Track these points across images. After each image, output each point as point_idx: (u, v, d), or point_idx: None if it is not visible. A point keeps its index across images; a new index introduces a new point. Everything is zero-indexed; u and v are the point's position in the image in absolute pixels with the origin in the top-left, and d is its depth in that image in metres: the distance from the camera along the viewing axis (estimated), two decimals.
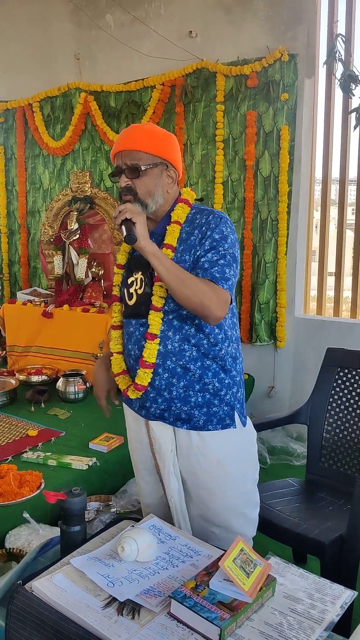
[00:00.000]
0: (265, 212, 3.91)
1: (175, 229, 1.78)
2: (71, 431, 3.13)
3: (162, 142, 1.79)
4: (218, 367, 1.80)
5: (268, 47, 3.75)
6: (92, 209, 4.27)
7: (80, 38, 4.65)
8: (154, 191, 1.78)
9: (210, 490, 1.83)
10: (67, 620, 1.27)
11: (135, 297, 1.85)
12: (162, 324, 1.77)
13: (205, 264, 1.71)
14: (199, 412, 1.79)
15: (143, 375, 1.79)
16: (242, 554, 1.35)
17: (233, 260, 1.74)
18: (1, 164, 5.31)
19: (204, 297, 1.65)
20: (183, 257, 1.75)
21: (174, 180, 1.82)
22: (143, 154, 1.75)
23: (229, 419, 1.82)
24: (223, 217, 1.78)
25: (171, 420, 1.82)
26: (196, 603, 1.25)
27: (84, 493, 1.58)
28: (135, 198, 1.76)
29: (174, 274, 1.65)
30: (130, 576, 1.40)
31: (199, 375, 1.78)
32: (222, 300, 1.69)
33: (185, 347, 1.77)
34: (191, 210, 1.83)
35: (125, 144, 1.77)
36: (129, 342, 1.87)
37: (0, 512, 2.29)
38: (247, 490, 1.90)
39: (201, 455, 1.81)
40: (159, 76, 4.18)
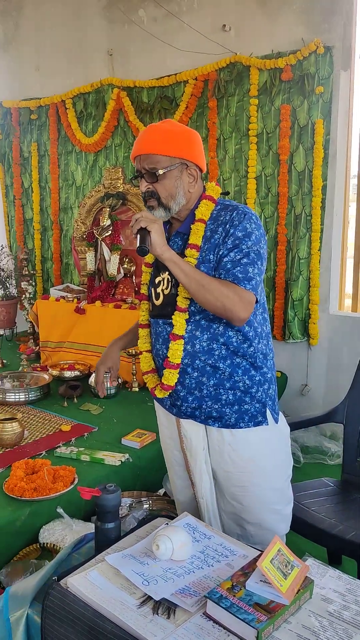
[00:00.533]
0: (299, 207, 3.85)
1: (199, 227, 1.75)
2: (104, 427, 3.14)
3: (180, 142, 1.76)
4: (248, 364, 1.78)
5: (303, 40, 3.69)
6: (124, 205, 4.26)
7: (113, 34, 4.65)
8: (175, 193, 1.76)
9: (243, 487, 1.82)
10: (102, 618, 1.26)
11: (162, 297, 1.84)
12: (189, 324, 1.75)
13: (228, 264, 1.68)
14: (230, 410, 1.78)
15: (169, 376, 1.79)
16: (279, 554, 1.33)
17: (257, 257, 1.70)
18: (35, 161, 5.35)
19: (225, 300, 1.62)
20: (208, 257, 1.73)
21: (196, 178, 1.79)
22: (160, 157, 1.72)
23: (261, 416, 1.80)
24: (247, 213, 1.74)
25: (202, 418, 1.81)
26: (232, 604, 1.24)
27: (118, 490, 1.58)
28: (159, 202, 1.75)
29: (193, 279, 1.63)
30: (165, 575, 1.39)
31: (229, 373, 1.77)
32: (246, 302, 1.66)
33: (214, 345, 1.75)
34: (216, 206, 1.79)
35: (142, 147, 1.75)
36: (157, 341, 1.87)
37: (35, 506, 2.30)
38: (281, 486, 1.89)
39: (233, 452, 1.80)
40: (191, 71, 4.15)
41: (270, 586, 1.27)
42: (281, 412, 1.91)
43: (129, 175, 4.62)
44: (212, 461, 1.84)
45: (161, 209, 1.76)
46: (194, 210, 1.79)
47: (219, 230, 1.73)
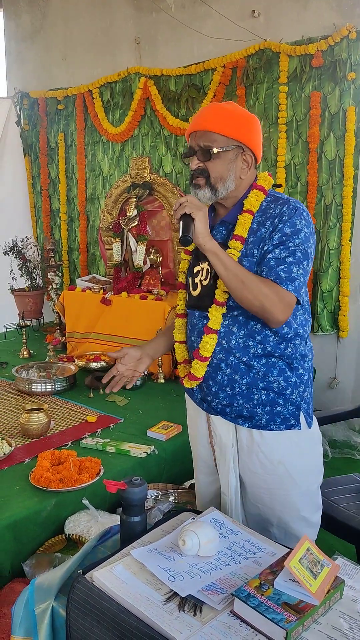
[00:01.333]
0: (329, 197, 3.77)
1: (247, 218, 1.67)
2: (129, 418, 3.13)
3: (240, 124, 1.68)
4: (284, 365, 1.71)
5: (335, 25, 3.59)
6: (150, 195, 4.22)
7: (140, 22, 4.60)
8: (225, 176, 1.68)
9: (269, 491, 1.76)
10: (127, 614, 1.25)
11: (200, 288, 1.77)
12: (226, 318, 1.69)
13: (272, 261, 1.60)
14: (262, 411, 1.72)
15: (197, 367, 1.74)
16: (308, 553, 1.29)
17: (304, 257, 1.61)
18: (62, 151, 5.35)
19: (265, 300, 1.55)
20: (252, 251, 1.65)
21: (250, 165, 1.72)
22: (217, 136, 1.66)
23: (294, 419, 1.73)
24: (299, 209, 1.65)
25: (232, 416, 1.75)
26: (261, 603, 1.21)
27: (144, 483, 1.55)
28: (207, 181, 1.68)
29: (233, 274, 1.56)
30: (191, 571, 1.37)
31: (264, 373, 1.70)
32: (286, 304, 1.58)
33: (250, 343, 1.68)
34: (266, 198, 1.71)
35: (200, 124, 1.68)
36: (192, 333, 1.81)
37: (60, 497, 2.30)
38: (309, 492, 1.81)
39: (262, 454, 1.74)
40: (220, 58, 4.09)
41: (299, 585, 1.23)
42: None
43: (156, 165, 4.58)
44: (240, 461, 1.79)
45: (208, 189, 1.69)
46: (242, 199, 1.72)
47: (266, 224, 1.65)
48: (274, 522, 1.78)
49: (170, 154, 4.54)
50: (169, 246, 4.25)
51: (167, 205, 4.18)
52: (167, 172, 4.55)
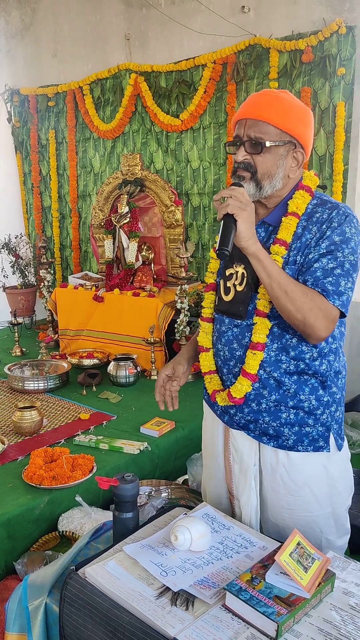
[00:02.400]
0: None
1: (292, 222, 1.54)
2: (122, 415, 3.13)
3: (296, 117, 1.53)
4: (317, 383, 1.59)
5: (324, 20, 3.59)
6: (142, 191, 4.23)
7: (131, 18, 4.59)
8: (274, 173, 1.54)
9: (291, 511, 1.65)
10: (120, 609, 1.25)
11: (234, 293, 1.62)
12: None
13: (318, 271, 1.47)
14: (289, 431, 1.60)
15: (241, 388, 1.59)
16: (299, 547, 1.30)
17: (353, 269, 1.48)
18: (52, 148, 5.33)
19: (309, 314, 1.43)
20: (294, 258, 1.52)
21: (299, 164, 1.57)
22: (271, 128, 1.51)
23: (323, 441, 1.61)
24: (349, 215, 1.51)
25: (257, 433, 1.64)
26: (252, 596, 1.22)
27: (136, 479, 1.56)
28: (252, 177, 1.53)
29: (276, 282, 1.43)
30: (183, 566, 1.38)
31: (294, 391, 1.57)
32: (330, 320, 1.46)
33: (283, 358, 1.56)
34: (312, 200, 1.57)
35: (253, 111, 1.52)
36: (219, 341, 1.69)
37: (54, 494, 2.31)
38: (335, 516, 1.68)
39: (287, 475, 1.63)
40: (210, 54, 4.08)
41: (290, 579, 1.24)
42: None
43: (147, 161, 4.57)
44: (261, 479, 1.68)
45: (252, 184, 1.54)
46: (287, 200, 1.58)
47: (312, 230, 1.52)
48: None
49: (162, 150, 4.54)
50: (161, 243, 4.26)
51: (158, 201, 4.18)
52: (159, 168, 4.55)
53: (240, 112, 1.57)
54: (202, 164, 4.31)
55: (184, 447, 2.86)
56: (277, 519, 1.68)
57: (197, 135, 4.31)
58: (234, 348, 1.63)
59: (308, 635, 1.17)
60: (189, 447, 2.85)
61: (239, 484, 1.72)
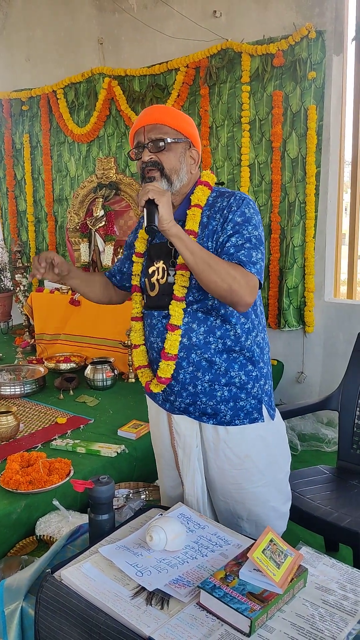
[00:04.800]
0: (293, 195, 3.83)
1: (196, 212, 1.68)
2: (100, 418, 3.13)
3: (184, 121, 1.74)
4: (245, 359, 1.73)
5: (295, 25, 3.65)
6: (117, 195, 4.23)
7: (103, 22, 4.60)
8: (179, 167, 1.70)
9: (238, 485, 1.77)
10: (95, 610, 1.26)
11: (158, 288, 1.76)
12: (186, 315, 1.69)
13: (231, 248, 1.61)
14: (225, 407, 1.73)
15: (165, 368, 1.72)
16: (271, 544, 1.32)
17: (259, 242, 1.64)
18: (27, 153, 5.31)
19: (232, 281, 1.54)
20: (205, 244, 1.66)
21: (196, 162, 1.76)
22: (168, 128, 1.69)
23: (257, 413, 1.75)
24: (245, 198, 1.68)
25: (197, 415, 1.75)
26: (226, 594, 1.23)
27: (111, 481, 1.57)
28: (162, 173, 1.68)
29: (200, 258, 1.54)
30: (159, 565, 1.39)
31: (225, 369, 1.71)
32: (252, 285, 1.58)
33: (211, 339, 1.69)
34: (211, 193, 1.74)
35: (150, 118, 1.70)
36: (151, 334, 1.80)
37: (30, 499, 2.30)
38: (277, 483, 1.83)
39: (228, 449, 1.75)
40: (182, 58, 4.12)
41: (263, 575, 1.26)
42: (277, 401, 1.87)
43: (122, 165, 4.59)
44: (206, 458, 1.79)
45: (164, 180, 1.68)
46: (189, 195, 1.73)
47: (216, 217, 1.67)
48: (244, 515, 1.80)
49: None
50: None
51: (133, 205, 4.19)
52: (134, 172, 4.56)
53: (137, 123, 1.73)
54: None
55: None
56: (226, 497, 1.80)
57: None
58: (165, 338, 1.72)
59: (281, 630, 1.19)
60: None
61: (183, 467, 1.83)
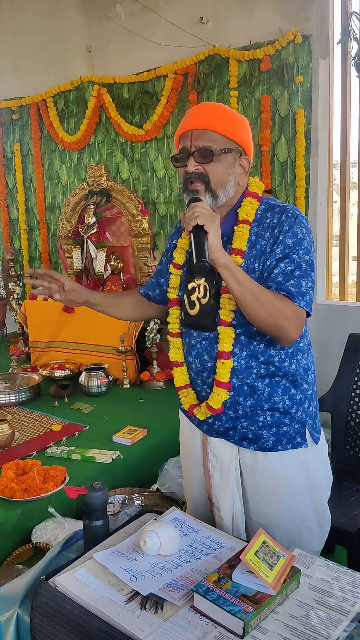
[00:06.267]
0: (283, 198, 3.85)
1: (244, 230, 1.55)
2: (95, 425, 3.14)
3: (238, 125, 1.57)
4: (289, 383, 1.63)
5: (281, 30, 3.67)
6: (108, 202, 4.26)
7: (91, 30, 4.62)
8: (226, 181, 1.55)
9: (273, 507, 1.69)
10: (90, 615, 1.27)
11: (198, 307, 1.64)
12: None
13: (279, 276, 1.49)
14: (268, 433, 1.64)
15: (217, 398, 1.61)
16: (264, 546, 1.33)
17: (310, 269, 1.52)
18: (18, 161, 5.32)
19: (280, 317, 1.45)
20: (252, 266, 1.54)
21: (246, 171, 1.59)
22: (218, 136, 1.52)
23: (300, 437, 1.66)
24: (298, 216, 1.54)
25: (236, 439, 1.67)
26: (219, 596, 1.24)
27: (105, 487, 1.57)
28: (207, 187, 1.53)
29: (248, 291, 1.44)
30: (153, 570, 1.39)
31: (268, 394, 1.61)
32: (299, 320, 1.49)
33: (253, 364, 1.60)
34: (260, 205, 1.59)
35: (198, 122, 1.53)
36: (189, 354, 1.71)
37: (26, 507, 2.31)
38: (316, 506, 1.73)
39: (267, 472, 1.67)
40: (171, 65, 4.13)
41: (256, 577, 1.27)
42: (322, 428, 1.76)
43: (113, 172, 4.60)
44: (243, 482, 1.71)
45: (208, 195, 1.53)
46: (236, 208, 1.59)
47: (265, 236, 1.54)
48: (278, 536, 1.67)
49: (127, 160, 4.57)
50: (129, 252, 4.29)
51: (125, 211, 4.21)
52: (124, 178, 4.58)
53: (184, 124, 1.57)
54: (168, 173, 4.35)
55: (157, 454, 2.87)
56: (259, 517, 1.71)
57: (162, 145, 4.36)
58: (205, 360, 1.66)
59: (274, 631, 1.20)
60: (161, 454, 2.87)
61: (219, 491, 1.74)
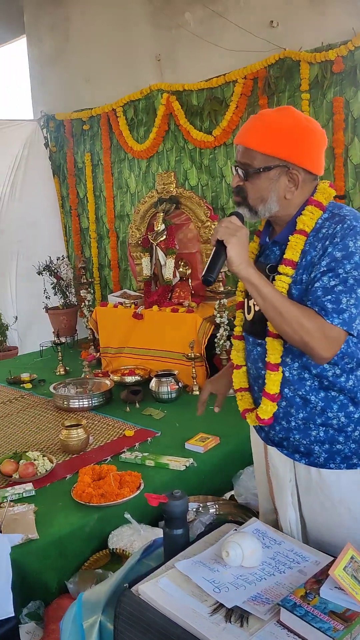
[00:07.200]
0: (357, 201, 3.75)
1: (299, 240, 1.51)
2: (166, 431, 3.15)
3: (284, 138, 1.50)
4: (346, 399, 1.55)
5: (354, 29, 3.59)
6: (177, 209, 4.27)
7: (160, 39, 4.67)
8: (266, 197, 1.53)
9: (330, 528, 1.63)
10: (174, 625, 1.26)
11: (253, 313, 1.64)
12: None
13: (318, 290, 1.43)
14: (320, 448, 1.59)
15: (266, 409, 1.60)
16: (352, 561, 1.29)
17: (358, 284, 1.41)
18: (89, 171, 5.44)
19: (305, 334, 1.41)
20: (300, 277, 1.50)
21: (297, 183, 1.52)
22: (257, 154, 1.51)
23: (356, 458, 1.58)
24: (355, 227, 1.44)
25: (290, 451, 1.65)
26: (307, 612, 1.21)
27: (185, 496, 1.57)
28: (244, 202, 1.56)
29: (271, 305, 1.42)
30: (236, 582, 1.37)
31: (322, 408, 1.56)
32: (331, 339, 1.42)
33: (305, 375, 1.55)
34: (323, 214, 1.52)
35: (241, 138, 1.55)
36: (247, 359, 1.72)
37: (103, 512, 2.33)
38: None
39: (321, 492, 1.61)
40: (240, 70, 4.12)
41: (345, 594, 1.23)
42: None
43: (181, 179, 4.63)
44: (299, 494, 1.67)
45: (246, 209, 1.56)
46: (296, 217, 1.55)
47: (317, 246, 1.48)
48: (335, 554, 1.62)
49: (195, 167, 4.58)
50: (198, 258, 4.28)
51: (194, 217, 4.21)
52: (193, 185, 4.59)
53: (236, 137, 1.59)
54: None
55: (230, 463, 2.84)
56: (316, 537, 1.66)
57: (230, 150, 4.35)
58: (260, 367, 1.64)
59: None
60: (234, 462, 2.83)
61: (277, 499, 1.73)
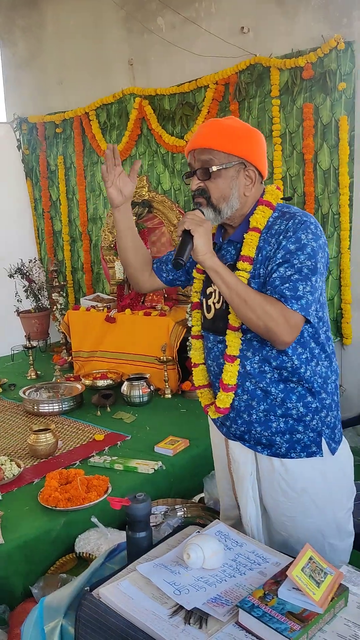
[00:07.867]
0: (326, 206, 3.80)
1: (253, 237, 1.59)
2: (137, 435, 3.14)
3: (240, 139, 1.60)
4: (304, 390, 1.63)
5: (323, 37, 3.64)
6: (150, 212, 4.28)
7: (133, 43, 4.68)
8: (228, 194, 1.60)
9: (292, 518, 1.68)
10: (134, 628, 1.26)
11: (214, 311, 1.71)
12: (241, 343, 1.62)
13: (276, 280, 1.51)
14: (281, 439, 1.65)
15: (224, 399, 1.67)
16: (311, 562, 1.30)
17: (312, 273, 1.50)
18: (61, 174, 5.42)
19: (268, 320, 1.47)
20: (258, 272, 1.58)
21: (254, 181, 1.63)
22: (216, 153, 1.58)
23: (316, 447, 1.65)
24: (305, 222, 1.54)
25: (252, 443, 1.70)
26: (265, 613, 1.22)
27: (148, 499, 1.57)
28: (208, 202, 1.61)
29: (235, 293, 1.49)
30: (196, 584, 1.38)
31: (281, 399, 1.62)
32: (292, 324, 1.49)
33: (266, 368, 1.61)
34: (273, 213, 1.62)
35: (197, 141, 1.61)
36: (208, 357, 1.77)
37: (69, 516, 2.32)
38: (337, 519, 1.70)
39: (284, 482, 1.67)
40: (211, 75, 4.15)
41: (303, 594, 1.24)
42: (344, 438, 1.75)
43: (154, 183, 4.63)
44: (260, 488, 1.73)
45: (210, 209, 1.61)
46: (248, 216, 1.64)
47: (271, 242, 1.57)
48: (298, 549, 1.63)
49: (168, 171, 4.60)
50: None
51: (166, 221, 4.23)
52: (166, 189, 4.60)
53: (189, 144, 1.65)
54: None
55: (199, 465, 2.85)
56: (280, 529, 1.72)
57: None
58: (221, 363, 1.69)
59: None
60: (204, 464, 2.84)
61: (238, 492, 1.78)
